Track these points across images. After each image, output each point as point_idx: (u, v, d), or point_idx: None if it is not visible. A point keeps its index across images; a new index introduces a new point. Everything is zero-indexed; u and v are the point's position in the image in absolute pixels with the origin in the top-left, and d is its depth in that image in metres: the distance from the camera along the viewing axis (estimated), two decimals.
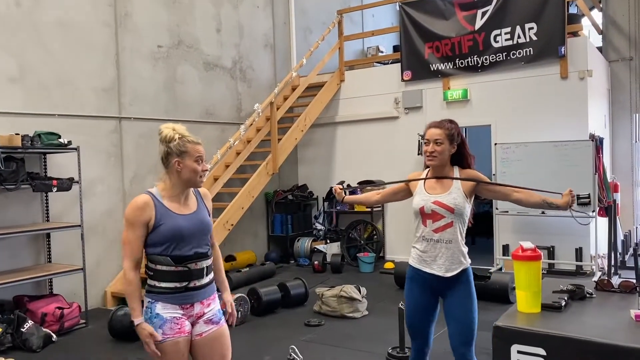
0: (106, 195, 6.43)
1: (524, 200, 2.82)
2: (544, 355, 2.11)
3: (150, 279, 2.46)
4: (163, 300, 2.42)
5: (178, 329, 2.41)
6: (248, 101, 8.41)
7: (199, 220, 2.50)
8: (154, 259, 2.44)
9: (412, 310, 2.93)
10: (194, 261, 2.45)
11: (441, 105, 7.92)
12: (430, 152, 2.83)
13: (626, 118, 8.43)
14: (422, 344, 2.96)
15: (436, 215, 2.81)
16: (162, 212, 2.42)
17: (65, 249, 5.88)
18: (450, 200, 2.79)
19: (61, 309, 5.26)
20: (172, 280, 2.42)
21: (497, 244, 7.43)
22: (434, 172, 2.90)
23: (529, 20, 7.11)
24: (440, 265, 2.81)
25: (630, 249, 7.28)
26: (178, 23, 7.36)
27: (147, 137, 6.90)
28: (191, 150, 2.44)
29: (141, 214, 2.39)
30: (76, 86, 6.14)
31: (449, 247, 2.80)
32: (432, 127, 2.89)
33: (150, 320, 2.41)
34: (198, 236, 2.48)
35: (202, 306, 2.50)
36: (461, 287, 2.83)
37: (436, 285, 2.85)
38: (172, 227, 2.41)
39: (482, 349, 3.91)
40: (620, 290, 2.64)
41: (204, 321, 2.50)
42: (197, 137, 2.51)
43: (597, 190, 6.50)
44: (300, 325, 5.25)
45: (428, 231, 2.83)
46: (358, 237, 8.34)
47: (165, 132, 2.46)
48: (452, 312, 2.84)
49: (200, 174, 2.47)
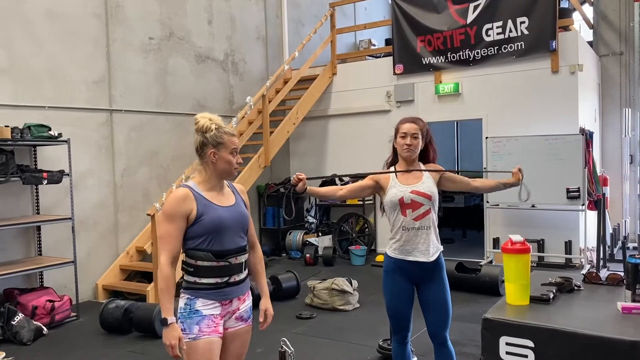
0: (97, 188, 6.40)
1: (480, 188, 3.10)
2: (532, 347, 2.14)
3: (190, 275, 2.38)
4: (204, 297, 2.35)
5: (214, 327, 2.35)
6: (240, 94, 8.39)
7: (239, 213, 2.45)
8: (193, 254, 2.36)
9: (398, 300, 2.99)
10: (234, 255, 2.40)
11: (433, 99, 7.94)
12: (408, 145, 2.96)
13: (616, 112, 8.49)
14: (406, 332, 3.05)
15: (415, 204, 2.93)
16: (204, 204, 2.36)
17: (56, 241, 5.86)
18: (426, 188, 2.95)
19: (52, 302, 5.24)
20: (213, 275, 2.35)
21: (488, 237, 7.48)
22: (406, 165, 3.03)
23: (520, 14, 7.13)
24: (423, 252, 2.92)
25: (619, 242, 7.36)
26: (169, 15, 7.31)
27: (138, 130, 6.87)
28: (227, 141, 2.39)
29: (182, 205, 2.32)
30: (67, 78, 6.09)
31: (428, 233, 2.94)
32: (408, 121, 3.02)
33: (189, 316, 2.33)
34: (238, 229, 2.43)
35: (238, 302, 2.45)
36: (437, 274, 2.96)
37: (416, 273, 2.95)
38: (213, 218, 2.35)
39: (472, 340, 3.95)
40: (607, 283, 2.67)
41: (235, 317, 2.45)
42: (233, 129, 2.49)
43: (586, 183, 6.56)
44: (292, 318, 5.27)
45: (408, 220, 2.93)
46: (350, 230, 8.37)
47: (202, 122, 2.40)
48: (432, 300, 2.95)
49: (235, 166, 2.43)
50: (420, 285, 2.98)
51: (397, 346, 3.09)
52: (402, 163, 3.05)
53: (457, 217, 9.78)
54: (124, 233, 6.70)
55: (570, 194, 6.46)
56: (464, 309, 5.24)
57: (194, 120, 2.43)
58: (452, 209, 9.56)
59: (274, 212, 8.59)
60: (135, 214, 6.80)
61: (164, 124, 7.23)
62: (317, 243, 8.06)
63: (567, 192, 6.47)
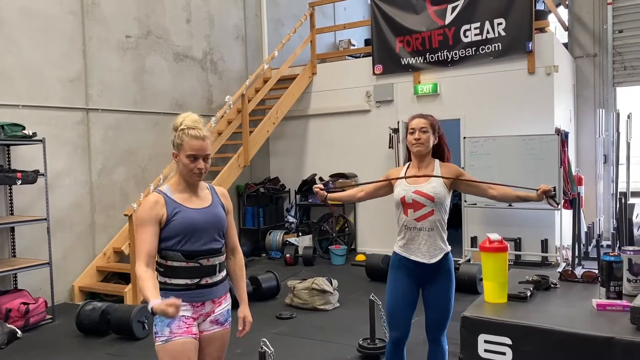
0: (73, 188, 6.29)
1: (498, 197, 3.01)
2: (510, 344, 2.16)
3: (162, 275, 2.34)
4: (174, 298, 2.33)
5: (186, 328, 2.29)
6: (219, 93, 8.33)
7: (213, 215, 2.40)
8: (165, 254, 2.33)
9: (397, 298, 2.97)
10: (205, 257, 2.35)
11: (412, 99, 7.99)
12: (416, 139, 2.94)
13: (590, 113, 8.65)
14: (402, 334, 2.99)
15: (417, 205, 2.91)
16: (174, 207, 2.32)
17: (31, 243, 5.74)
18: (430, 189, 2.90)
19: (26, 304, 5.14)
20: (183, 276, 2.31)
21: (466, 236, 7.56)
22: (417, 161, 3.01)
23: (497, 15, 7.22)
24: (423, 253, 2.91)
25: (593, 240, 7.50)
26: (147, 13, 7.22)
27: (115, 129, 6.78)
28: (185, 144, 2.30)
29: (153, 211, 2.28)
30: (41, 76, 5.98)
31: (430, 235, 2.91)
32: (416, 117, 3.01)
33: (160, 318, 2.28)
34: (211, 231, 2.37)
35: (212, 305, 2.39)
36: (443, 276, 2.94)
37: (420, 273, 2.94)
38: (183, 220, 2.31)
39: (450, 339, 3.98)
40: (582, 281, 2.72)
41: (210, 320, 2.40)
42: (201, 132, 2.31)
43: (562, 183, 6.67)
44: (271, 318, 5.25)
45: (410, 220, 2.93)
46: (330, 230, 8.37)
47: (177, 120, 2.35)
48: (433, 301, 2.95)
49: (195, 171, 2.32)
50: (424, 285, 2.97)
51: (391, 347, 3.03)
52: (415, 161, 3.03)
53: None
54: (101, 234, 6.60)
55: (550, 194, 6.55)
56: None
57: None
58: None
59: (253, 212, 8.55)
60: (113, 214, 6.71)
61: (141, 123, 7.14)
62: (297, 243, 8.05)
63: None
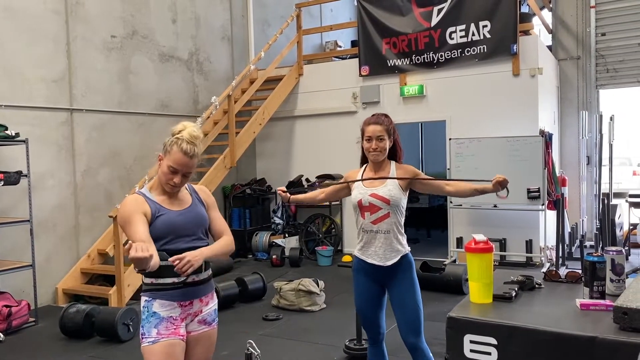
0: (57, 189, 6.22)
1: (453, 193, 3.03)
2: (495, 344, 2.18)
3: (147, 276, 2.33)
4: (161, 297, 2.31)
5: (174, 330, 2.30)
6: (205, 94, 8.29)
7: (195, 214, 2.41)
8: None
9: (362, 300, 3.03)
10: None
11: (398, 101, 8.02)
12: (374, 149, 2.94)
13: (574, 115, 8.76)
14: (376, 333, 3.06)
15: (373, 207, 2.92)
16: (156, 207, 2.33)
17: (13, 244, 5.67)
18: (386, 192, 2.92)
19: (9, 307, 5.07)
20: (170, 275, 2.29)
21: (452, 237, 7.61)
22: (374, 165, 3.02)
23: (483, 18, 7.28)
24: (380, 256, 2.92)
25: (577, 240, 7.59)
26: (132, 13, 7.17)
27: (99, 130, 6.71)
28: (173, 154, 2.31)
29: (135, 205, 2.28)
30: (24, 76, 5.90)
31: (387, 237, 2.92)
32: (371, 123, 2.98)
33: (147, 320, 2.27)
34: (194, 230, 2.38)
35: (200, 304, 2.41)
36: (403, 276, 2.94)
37: (378, 275, 2.96)
38: (164, 222, 2.31)
39: (436, 339, 3.99)
40: (566, 281, 2.74)
41: (198, 320, 2.41)
42: (193, 149, 2.32)
43: (546, 184, 6.74)
44: (258, 320, 5.24)
45: (367, 223, 2.95)
46: (316, 231, 8.37)
47: (178, 126, 2.36)
48: (397, 302, 2.95)
49: (170, 182, 2.34)
50: (388, 286, 2.99)
51: (370, 346, 3.12)
52: (371, 164, 3.04)
53: (422, 217, 9.90)
54: (85, 235, 6.53)
55: (530, 194, 6.62)
56: (428, 307, 5.26)
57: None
58: (416, 209, 9.67)
59: (240, 213, 8.52)
60: (97, 216, 6.64)
61: (126, 124, 7.08)
62: (284, 244, 8.03)
63: (528, 193, 6.63)
